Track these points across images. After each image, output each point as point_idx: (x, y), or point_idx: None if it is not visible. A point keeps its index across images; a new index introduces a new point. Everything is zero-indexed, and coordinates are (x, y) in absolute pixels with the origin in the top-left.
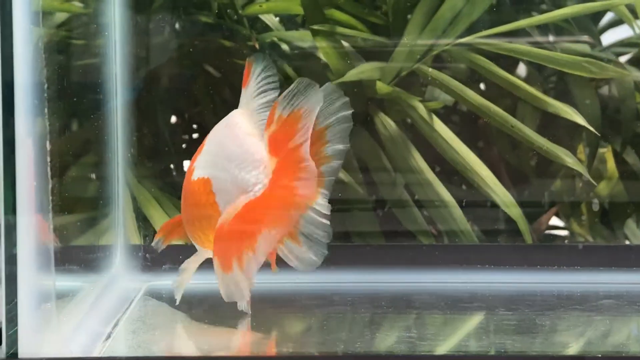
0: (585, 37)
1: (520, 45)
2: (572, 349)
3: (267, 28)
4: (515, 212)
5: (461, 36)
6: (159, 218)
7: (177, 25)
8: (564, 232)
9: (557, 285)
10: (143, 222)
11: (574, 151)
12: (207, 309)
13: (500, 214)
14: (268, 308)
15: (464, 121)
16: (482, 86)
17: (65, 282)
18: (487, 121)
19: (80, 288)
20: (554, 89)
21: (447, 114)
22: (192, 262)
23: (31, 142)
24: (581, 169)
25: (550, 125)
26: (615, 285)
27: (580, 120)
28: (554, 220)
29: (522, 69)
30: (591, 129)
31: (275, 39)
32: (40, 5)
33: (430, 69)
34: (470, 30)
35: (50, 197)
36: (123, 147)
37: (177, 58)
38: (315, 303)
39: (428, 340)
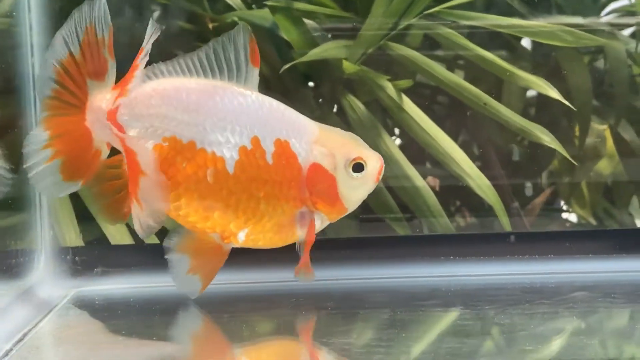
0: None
1: (489, 15)
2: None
3: (229, 8)
4: (491, 196)
5: (430, 7)
6: None
7: (132, 9)
8: (564, 215)
9: (529, 277)
10: (86, 222)
11: (572, 131)
12: (132, 319)
13: (476, 199)
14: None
15: (453, 104)
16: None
17: None
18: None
19: None
20: (546, 64)
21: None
22: None
23: None
24: (559, 147)
25: (542, 104)
26: (593, 275)
27: (554, 94)
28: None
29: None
30: (567, 103)
31: (235, 18)
32: None
33: (396, 45)
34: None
35: None
36: None
37: (129, 43)
38: (255, 305)
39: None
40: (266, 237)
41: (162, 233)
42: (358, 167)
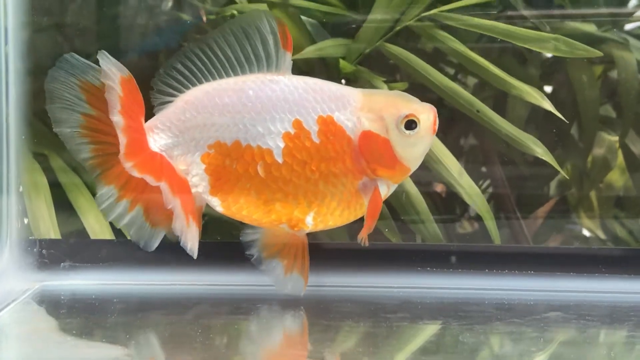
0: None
1: (483, 20)
2: None
3: (230, 1)
4: (481, 206)
5: (429, 9)
6: (89, 208)
7: None
8: (569, 227)
9: (507, 293)
10: (67, 214)
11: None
12: (90, 318)
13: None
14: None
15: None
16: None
17: None
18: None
19: None
20: (555, 72)
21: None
22: None
23: None
24: (551, 160)
25: (549, 114)
26: (572, 294)
27: (547, 105)
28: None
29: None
30: (559, 115)
31: (235, 12)
32: None
33: (394, 47)
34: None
35: None
36: (16, 130)
37: (125, 32)
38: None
39: None
40: (334, 215)
41: None
42: (411, 124)
